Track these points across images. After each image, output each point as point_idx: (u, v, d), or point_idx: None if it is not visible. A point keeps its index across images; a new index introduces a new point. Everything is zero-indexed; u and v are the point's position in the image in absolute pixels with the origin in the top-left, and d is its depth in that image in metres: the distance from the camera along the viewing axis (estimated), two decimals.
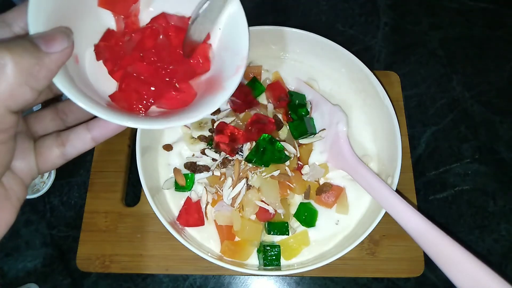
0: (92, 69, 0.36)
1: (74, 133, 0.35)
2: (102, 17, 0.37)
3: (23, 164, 0.32)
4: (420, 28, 0.85)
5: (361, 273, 0.62)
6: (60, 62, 0.28)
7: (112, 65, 0.37)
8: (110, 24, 0.37)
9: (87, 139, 0.35)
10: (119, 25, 0.37)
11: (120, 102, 0.35)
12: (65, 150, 0.34)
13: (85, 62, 0.36)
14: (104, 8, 0.36)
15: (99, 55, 0.36)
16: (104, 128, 0.35)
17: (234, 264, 0.54)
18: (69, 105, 0.37)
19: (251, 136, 0.57)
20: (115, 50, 0.37)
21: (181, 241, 0.52)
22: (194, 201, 0.59)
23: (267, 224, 0.57)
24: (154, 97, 0.36)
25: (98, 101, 0.32)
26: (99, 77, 0.36)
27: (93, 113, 0.30)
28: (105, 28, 0.37)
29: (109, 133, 0.35)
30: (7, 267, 0.65)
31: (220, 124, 0.59)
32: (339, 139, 0.61)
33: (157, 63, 0.37)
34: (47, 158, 0.34)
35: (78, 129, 0.35)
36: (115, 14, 0.37)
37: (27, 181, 0.32)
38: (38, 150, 0.33)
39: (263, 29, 0.63)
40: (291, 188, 0.58)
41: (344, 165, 0.60)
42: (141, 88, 0.36)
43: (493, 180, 0.71)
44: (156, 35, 0.38)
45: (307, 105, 0.64)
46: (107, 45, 0.36)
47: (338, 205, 0.60)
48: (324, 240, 0.59)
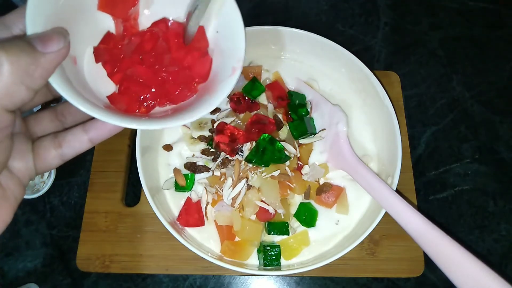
0: (90, 71, 0.36)
1: (71, 134, 0.35)
2: (101, 19, 0.37)
3: (21, 164, 0.32)
4: (420, 28, 0.85)
5: (361, 273, 0.62)
6: (56, 62, 0.29)
7: (111, 67, 0.37)
8: (109, 27, 0.38)
9: (84, 140, 0.35)
10: (118, 28, 0.38)
11: (119, 104, 0.36)
12: (62, 151, 0.35)
13: (83, 64, 0.36)
14: (104, 12, 0.36)
15: (98, 57, 0.37)
16: (100, 129, 0.35)
17: (234, 264, 0.54)
18: (67, 107, 0.37)
19: (251, 136, 0.57)
20: (114, 53, 0.37)
21: (181, 241, 0.52)
22: (194, 201, 0.59)
23: (267, 224, 0.57)
24: (154, 99, 0.36)
25: (95, 102, 0.32)
26: (97, 79, 0.37)
27: (90, 114, 0.30)
28: (104, 30, 0.37)
29: (105, 134, 0.35)
30: (7, 267, 0.65)
31: (220, 124, 0.59)
32: (339, 139, 0.61)
33: (156, 65, 0.37)
34: (45, 158, 0.34)
35: (75, 130, 0.35)
36: (115, 17, 0.37)
37: (24, 181, 0.33)
38: (36, 150, 0.34)
39: (263, 29, 0.63)
40: (291, 188, 0.58)
41: (344, 165, 0.60)
42: (141, 90, 0.36)
43: (493, 180, 0.71)
44: (156, 39, 0.38)
45: (307, 105, 0.64)
46: (107, 48, 0.37)
47: (338, 205, 0.60)
48: (324, 240, 0.59)
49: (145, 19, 0.39)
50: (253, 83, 0.63)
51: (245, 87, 0.62)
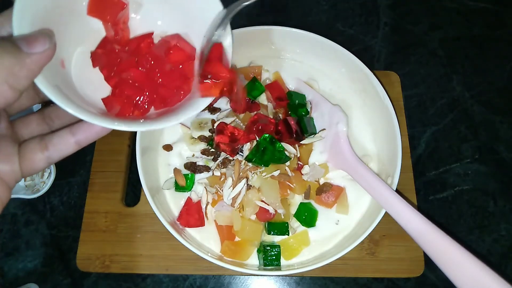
0: (78, 74, 0.36)
1: (57, 136, 0.35)
2: (89, 23, 0.37)
3: (7, 167, 0.32)
4: (420, 28, 0.85)
5: (361, 273, 0.62)
6: (41, 62, 0.29)
7: (108, 71, 0.37)
8: (98, 30, 0.38)
9: (70, 143, 0.35)
10: (109, 32, 0.38)
11: (112, 107, 0.36)
12: (48, 154, 0.34)
13: (71, 67, 0.36)
14: (93, 17, 0.37)
15: (95, 61, 0.37)
16: (88, 132, 0.35)
17: (234, 264, 0.54)
18: (55, 110, 0.37)
19: (251, 136, 0.57)
20: (111, 57, 0.37)
21: (181, 241, 0.52)
22: (194, 201, 0.59)
23: (267, 224, 0.57)
24: (149, 102, 0.37)
25: (82, 105, 0.33)
26: (85, 81, 0.37)
27: (76, 115, 0.30)
28: (93, 33, 0.38)
29: (92, 136, 0.35)
30: (7, 267, 0.65)
31: (220, 124, 0.59)
32: (339, 139, 0.61)
33: (151, 68, 0.37)
34: (31, 161, 0.34)
35: (61, 133, 0.35)
36: (104, 22, 0.37)
37: (10, 184, 0.32)
38: (22, 153, 0.34)
39: (262, 29, 0.63)
40: (291, 188, 0.58)
41: (344, 165, 0.60)
42: (136, 94, 0.36)
43: (493, 180, 0.71)
44: (151, 43, 0.38)
45: (307, 105, 0.64)
46: (104, 52, 0.37)
47: (338, 205, 0.60)
48: (324, 240, 0.59)
49: (135, 23, 0.39)
50: (253, 83, 0.63)
51: (246, 87, 0.62)
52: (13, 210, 0.69)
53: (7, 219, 0.69)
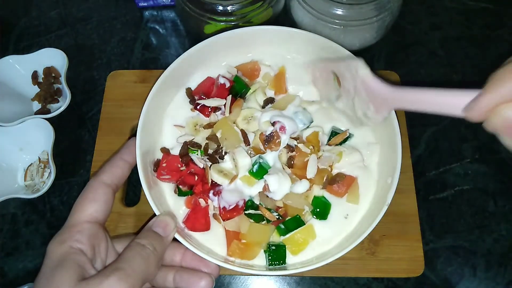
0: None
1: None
2: None
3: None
4: (420, 28, 0.85)
5: (361, 273, 0.62)
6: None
7: None
8: None
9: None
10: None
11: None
12: None
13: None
14: None
15: None
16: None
17: (240, 266, 0.53)
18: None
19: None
20: None
21: (183, 242, 0.52)
22: (202, 206, 0.58)
23: (283, 225, 0.57)
24: None
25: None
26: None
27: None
28: None
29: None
30: (7, 267, 0.65)
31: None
32: (368, 83, 0.52)
33: None
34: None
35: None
36: None
37: None
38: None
39: (267, 29, 0.64)
40: (312, 180, 0.59)
41: (390, 103, 0.52)
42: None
43: (493, 180, 0.71)
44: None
45: (334, 79, 0.61)
46: None
47: (349, 195, 0.60)
48: (329, 238, 0.58)
49: None
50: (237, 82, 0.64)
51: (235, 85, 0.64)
52: (13, 210, 0.69)
53: (7, 219, 0.69)
